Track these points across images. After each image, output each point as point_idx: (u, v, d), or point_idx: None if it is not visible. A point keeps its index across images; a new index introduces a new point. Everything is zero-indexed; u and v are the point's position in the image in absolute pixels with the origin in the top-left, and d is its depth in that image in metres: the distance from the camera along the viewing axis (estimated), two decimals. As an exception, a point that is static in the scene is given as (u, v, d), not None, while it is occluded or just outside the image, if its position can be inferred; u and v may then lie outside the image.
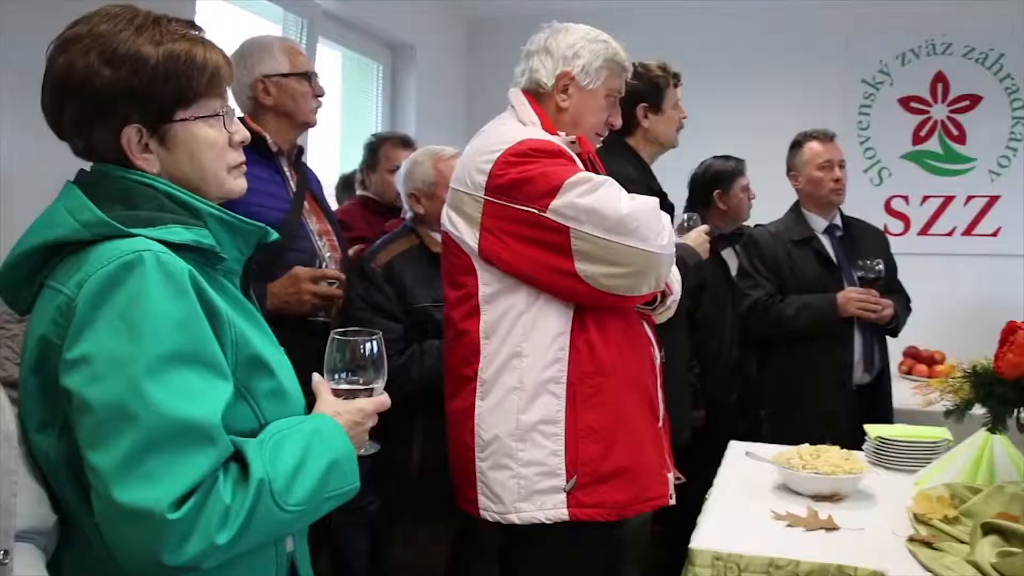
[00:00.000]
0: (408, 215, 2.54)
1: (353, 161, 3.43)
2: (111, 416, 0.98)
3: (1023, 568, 1.36)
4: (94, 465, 0.98)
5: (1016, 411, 1.69)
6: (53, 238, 1.08)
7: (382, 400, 1.29)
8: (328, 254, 2.21)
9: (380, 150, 3.26)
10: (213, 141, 1.18)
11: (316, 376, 1.28)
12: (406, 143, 3.31)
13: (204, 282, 1.08)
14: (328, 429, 1.17)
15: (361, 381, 1.29)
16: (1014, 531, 1.51)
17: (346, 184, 3.60)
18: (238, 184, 1.24)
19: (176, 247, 1.08)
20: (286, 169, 2.20)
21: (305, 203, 2.20)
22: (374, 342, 1.30)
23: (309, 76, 2.22)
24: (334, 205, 3.68)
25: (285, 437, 1.10)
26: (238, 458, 1.06)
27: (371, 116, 4.51)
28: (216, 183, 1.20)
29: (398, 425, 1.36)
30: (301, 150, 2.29)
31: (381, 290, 2.34)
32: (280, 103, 2.16)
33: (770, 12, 4.77)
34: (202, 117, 1.16)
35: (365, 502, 2.82)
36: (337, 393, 1.27)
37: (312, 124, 2.27)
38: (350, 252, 2.81)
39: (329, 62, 4.17)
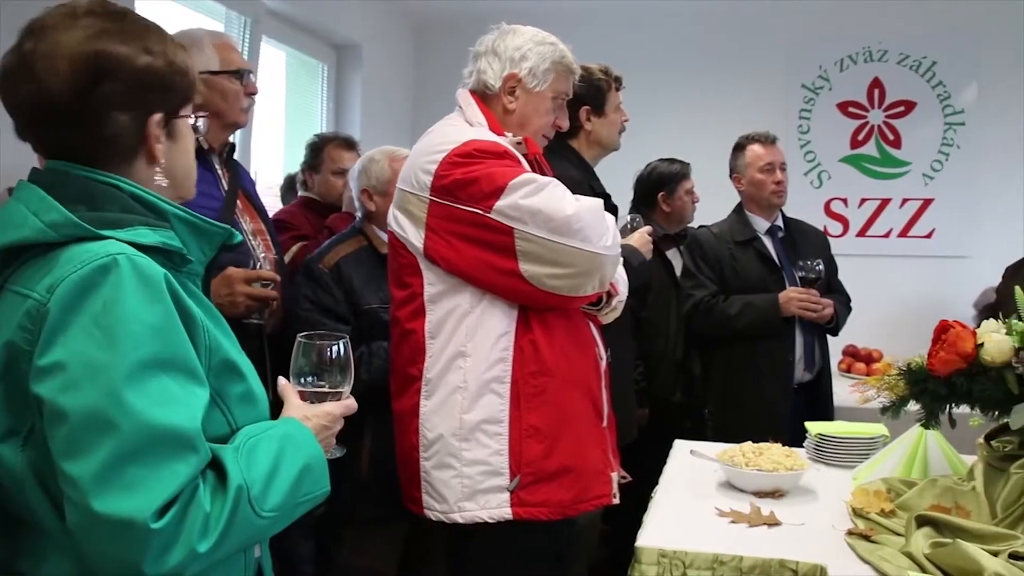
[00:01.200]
0: (358, 215, 2.52)
1: (297, 162, 3.38)
2: (88, 425, 0.95)
3: (954, 557, 1.40)
4: (71, 475, 0.95)
5: (948, 407, 1.73)
6: (17, 239, 1.04)
7: (349, 404, 1.29)
8: (263, 254, 2.16)
9: (324, 151, 3.22)
10: (192, 139, 1.23)
11: (282, 380, 1.28)
12: (350, 144, 3.28)
13: (178, 286, 1.07)
14: (299, 434, 1.16)
15: (328, 385, 1.28)
16: (946, 522, 1.56)
17: (291, 185, 3.56)
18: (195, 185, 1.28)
19: (143, 249, 1.05)
20: (217, 167, 2.14)
21: (238, 202, 2.15)
22: (341, 345, 1.29)
23: (241, 74, 2.15)
24: (279, 206, 3.64)
25: (258, 443, 1.09)
26: (214, 465, 1.04)
27: (316, 117, 4.46)
28: (191, 181, 1.24)
29: (347, 427, 1.36)
30: (233, 147, 2.23)
31: (329, 291, 2.32)
32: (209, 101, 2.06)
33: (713, 17, 4.85)
34: (188, 116, 1.21)
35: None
36: (304, 397, 1.26)
37: (242, 124, 2.22)
38: (293, 249, 2.77)
39: (273, 61, 4.12)
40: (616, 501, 1.87)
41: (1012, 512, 1.55)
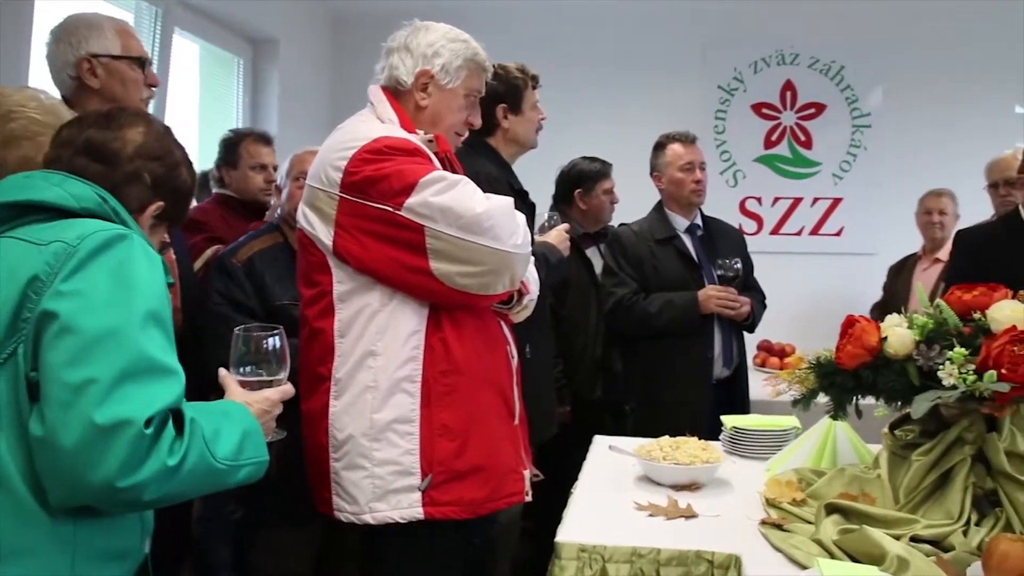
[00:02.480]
0: (277, 211, 2.47)
1: (213, 158, 3.29)
2: (101, 341, 1.11)
3: (860, 543, 1.45)
4: (73, 381, 1.09)
5: (855, 399, 1.78)
6: (38, 199, 1.23)
7: (287, 389, 1.46)
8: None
9: (240, 146, 3.14)
10: None
11: (222, 370, 1.42)
12: (267, 140, 3.21)
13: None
14: (234, 409, 1.32)
15: (266, 373, 1.44)
16: (853, 509, 1.61)
17: (204, 182, 3.46)
18: None
19: None
20: None
21: None
22: (277, 337, 1.46)
23: (143, 62, 2.08)
24: (193, 203, 3.54)
25: (198, 412, 1.23)
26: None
27: (231, 112, 4.35)
28: None
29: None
30: None
31: (240, 286, 2.27)
32: (107, 87, 2.01)
33: (632, 18, 4.91)
34: None
35: (228, 510, 2.72)
36: (244, 385, 1.41)
37: None
38: (207, 253, 2.69)
39: (186, 55, 4.00)
40: (529, 499, 1.87)
41: (913, 498, 1.61)
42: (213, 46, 4.14)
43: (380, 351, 1.71)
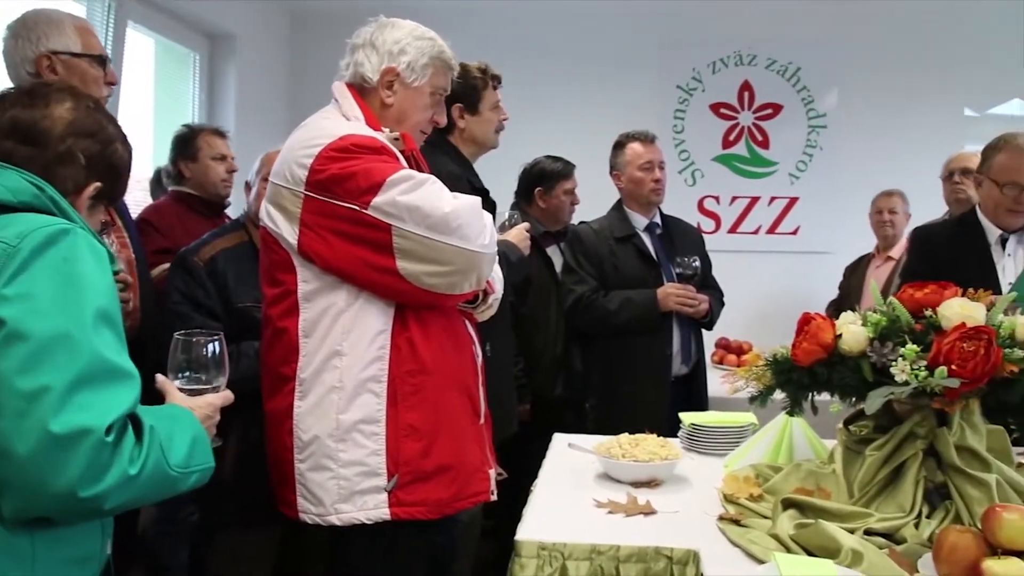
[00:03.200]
0: (244, 208, 2.44)
1: (168, 155, 3.23)
2: (52, 346, 1.07)
3: (816, 537, 1.47)
4: (27, 388, 1.05)
5: (810, 395, 1.81)
6: None
7: (227, 395, 1.43)
8: (116, 251, 2.04)
9: (199, 138, 3.09)
10: None
11: (160, 376, 1.38)
12: (222, 134, 3.17)
13: None
14: (182, 414, 1.29)
15: (204, 379, 1.41)
16: (809, 504, 1.64)
17: (159, 180, 3.40)
18: None
19: None
20: None
21: None
22: (216, 343, 1.43)
23: (103, 60, 2.06)
24: (147, 201, 3.48)
25: (153, 418, 1.20)
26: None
27: (187, 108, 4.28)
28: None
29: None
30: None
31: (202, 285, 2.23)
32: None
33: (592, 18, 4.93)
34: None
35: (184, 513, 2.68)
36: (182, 391, 1.38)
37: None
38: (163, 268, 2.64)
39: (140, 49, 3.92)
40: (494, 498, 1.87)
41: (867, 492, 1.65)
42: (168, 40, 4.07)
43: (346, 351, 1.69)
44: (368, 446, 1.68)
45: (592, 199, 3.54)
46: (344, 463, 1.68)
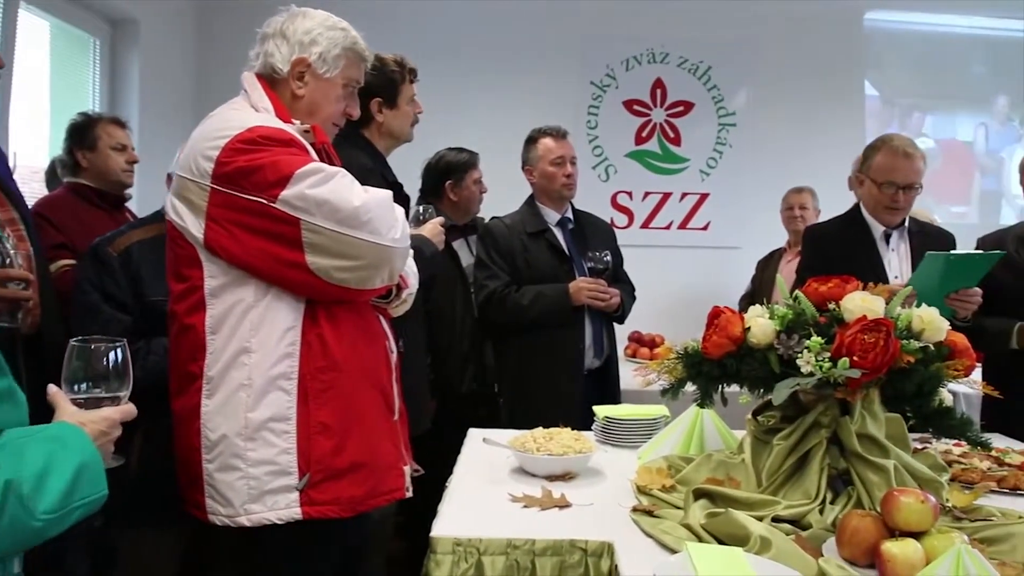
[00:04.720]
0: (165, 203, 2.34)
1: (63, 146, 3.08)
2: None
3: (726, 525, 1.51)
4: None
5: (720, 387, 1.85)
6: None
7: (128, 409, 1.27)
8: (13, 249, 1.93)
9: (98, 127, 2.95)
10: None
11: (52, 387, 1.22)
12: (122, 124, 3.04)
13: None
14: (71, 435, 1.12)
15: (104, 390, 1.26)
16: (719, 493, 1.67)
17: (54, 171, 3.23)
18: None
19: None
20: None
21: None
22: (118, 350, 1.28)
23: None
24: (42, 192, 3.31)
25: (27, 443, 1.04)
26: None
27: (86, 96, 4.09)
28: None
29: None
30: None
31: (113, 277, 2.12)
32: None
33: (508, 13, 4.94)
34: None
35: (87, 520, 2.57)
36: (77, 403, 1.22)
37: None
38: (62, 264, 2.51)
39: (34, 33, 3.73)
40: (409, 494, 1.85)
41: (775, 480, 1.69)
42: (66, 24, 3.88)
43: (254, 348, 1.64)
44: (278, 444, 1.64)
45: (504, 194, 3.54)
46: (253, 462, 1.64)
